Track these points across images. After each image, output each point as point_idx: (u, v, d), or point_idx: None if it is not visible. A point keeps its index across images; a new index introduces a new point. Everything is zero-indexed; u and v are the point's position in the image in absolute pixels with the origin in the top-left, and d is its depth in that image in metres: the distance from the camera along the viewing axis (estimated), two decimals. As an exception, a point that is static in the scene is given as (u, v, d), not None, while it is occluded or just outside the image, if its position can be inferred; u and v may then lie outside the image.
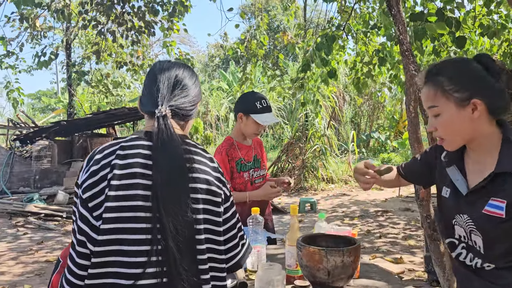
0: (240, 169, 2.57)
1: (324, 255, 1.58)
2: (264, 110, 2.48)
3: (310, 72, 7.59)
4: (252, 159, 2.62)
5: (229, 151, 2.56)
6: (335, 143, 11.99)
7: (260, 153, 2.71)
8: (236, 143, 2.60)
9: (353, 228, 2.66)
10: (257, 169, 2.64)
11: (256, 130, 2.53)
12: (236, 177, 2.56)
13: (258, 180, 2.64)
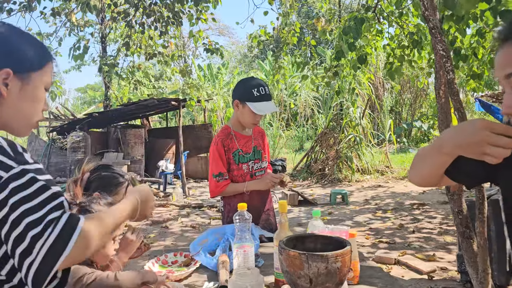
0: (238, 161, 2.38)
1: (305, 260, 1.38)
2: (262, 98, 2.27)
3: (345, 59, 7.25)
4: (251, 150, 2.43)
5: (225, 141, 2.38)
6: (371, 133, 11.52)
7: (261, 144, 2.51)
8: (234, 132, 2.42)
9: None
10: (258, 161, 2.44)
11: (253, 120, 2.33)
12: (234, 169, 2.38)
13: (259, 172, 2.45)
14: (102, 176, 1.81)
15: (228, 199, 2.42)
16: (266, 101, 2.29)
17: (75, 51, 7.54)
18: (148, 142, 11.26)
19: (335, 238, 1.57)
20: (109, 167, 1.88)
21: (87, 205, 1.45)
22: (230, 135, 2.40)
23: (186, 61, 10.08)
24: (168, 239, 5.60)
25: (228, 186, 2.35)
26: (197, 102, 9.68)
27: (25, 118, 1.02)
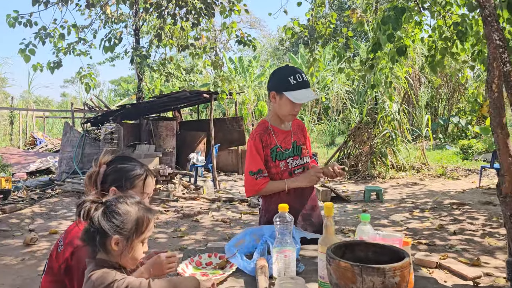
0: (275, 158, 2.23)
1: (358, 272, 1.22)
2: (300, 86, 2.10)
3: (381, 51, 6.96)
4: (290, 146, 2.26)
5: (263, 137, 2.22)
6: (407, 128, 11.11)
7: (301, 139, 2.34)
8: (272, 127, 2.25)
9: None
10: (297, 157, 2.28)
11: (292, 110, 2.16)
12: (272, 167, 2.23)
13: (298, 170, 2.28)
14: (118, 169, 1.70)
15: (266, 197, 2.28)
16: (305, 89, 2.11)
17: (106, 43, 7.55)
18: (180, 134, 11.28)
19: (388, 247, 1.40)
20: (126, 159, 1.77)
21: (113, 204, 1.34)
22: (268, 130, 2.24)
23: (217, 54, 9.97)
24: (198, 233, 5.54)
25: (267, 184, 2.20)
26: (229, 94, 9.58)
27: None
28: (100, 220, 1.29)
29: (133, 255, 1.36)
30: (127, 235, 1.33)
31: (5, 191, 7.29)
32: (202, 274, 1.80)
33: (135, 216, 1.35)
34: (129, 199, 1.38)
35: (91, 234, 1.29)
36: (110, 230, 1.29)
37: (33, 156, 11.09)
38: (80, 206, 1.31)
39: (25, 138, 14.02)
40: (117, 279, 1.26)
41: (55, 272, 1.57)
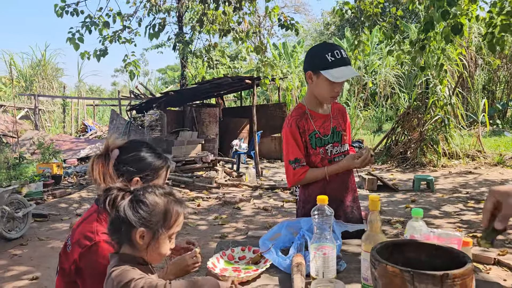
0: (315, 144, 2.04)
1: (409, 279, 1.03)
2: (337, 63, 1.88)
3: (433, 31, 6.50)
4: (330, 132, 2.06)
5: (299, 122, 2.03)
6: (461, 114, 10.43)
7: (341, 124, 2.13)
8: (309, 111, 2.06)
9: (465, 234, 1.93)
10: (337, 144, 2.08)
11: (331, 91, 1.94)
12: (312, 154, 2.05)
13: (338, 157, 2.09)
14: (142, 157, 1.58)
15: (303, 186, 2.11)
16: (344, 66, 1.89)
17: (151, 29, 7.57)
18: (223, 121, 11.26)
19: (446, 249, 1.20)
20: (144, 145, 1.62)
21: (141, 194, 1.23)
22: (305, 114, 2.05)
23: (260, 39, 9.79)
24: (239, 221, 5.46)
25: (307, 173, 2.03)
26: (272, 80, 9.39)
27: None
28: (126, 209, 1.18)
29: (159, 250, 1.25)
30: (154, 228, 1.22)
31: (56, 177, 7.58)
32: (234, 269, 1.67)
33: (163, 208, 1.23)
34: (158, 189, 1.26)
35: (117, 225, 1.19)
36: (136, 222, 1.18)
37: (83, 142, 11.50)
38: (106, 193, 1.21)
39: (77, 126, 14.59)
40: (135, 277, 1.15)
41: (67, 273, 1.48)
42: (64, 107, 14.77)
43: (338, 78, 1.88)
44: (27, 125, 13.12)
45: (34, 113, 13.31)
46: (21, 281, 3.71)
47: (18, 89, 16.49)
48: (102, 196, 1.20)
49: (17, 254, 4.36)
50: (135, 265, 1.21)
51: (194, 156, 8.26)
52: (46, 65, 18.36)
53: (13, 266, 4.05)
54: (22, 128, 12.17)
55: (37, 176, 7.03)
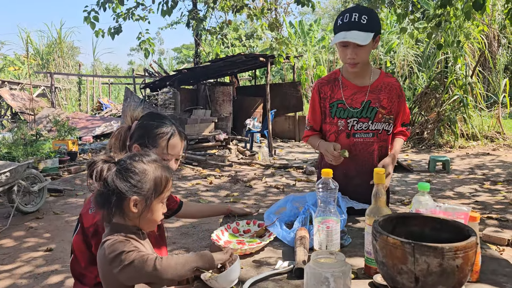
0: (335, 114, 1.95)
1: (410, 251, 1.01)
2: (342, 27, 1.79)
3: (451, 7, 6.27)
4: (360, 106, 1.93)
5: (323, 87, 1.97)
6: (481, 94, 10.16)
7: (383, 101, 1.94)
8: (343, 79, 1.97)
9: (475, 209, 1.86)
10: (366, 120, 1.93)
11: (343, 57, 1.86)
12: (327, 122, 1.97)
13: (361, 135, 1.95)
14: (144, 125, 1.58)
15: (322, 157, 2.06)
16: (346, 31, 1.78)
17: (164, 6, 7.50)
18: (236, 100, 11.21)
19: (451, 223, 1.16)
20: (156, 116, 1.63)
21: (128, 163, 1.21)
22: (336, 81, 1.97)
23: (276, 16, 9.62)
24: (251, 198, 5.48)
25: (309, 138, 2.07)
26: (286, 58, 9.26)
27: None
28: (115, 180, 1.17)
29: (152, 216, 1.25)
30: (146, 196, 1.21)
31: (72, 153, 7.69)
32: (238, 242, 1.67)
33: (153, 175, 1.22)
34: (145, 157, 1.25)
35: (106, 197, 1.18)
36: (127, 191, 1.17)
37: (98, 120, 11.63)
38: (92, 167, 1.19)
39: (92, 104, 14.74)
40: (125, 250, 1.14)
41: (86, 233, 1.51)
42: (80, 85, 14.90)
43: (333, 42, 1.81)
44: (43, 102, 13.31)
45: (50, 91, 13.48)
46: (37, 252, 3.81)
47: (35, 67, 16.67)
48: (88, 170, 1.19)
49: (33, 226, 4.47)
50: (129, 234, 1.21)
51: (207, 134, 8.28)
52: (62, 43, 18.48)
53: (29, 238, 4.16)
54: (39, 105, 12.35)
55: (53, 153, 7.15)
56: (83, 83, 14.83)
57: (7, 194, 4.58)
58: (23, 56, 16.51)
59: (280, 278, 1.35)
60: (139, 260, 1.13)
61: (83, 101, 15.01)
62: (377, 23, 1.83)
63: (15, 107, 11.71)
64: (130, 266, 1.13)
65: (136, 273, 1.14)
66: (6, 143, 6.91)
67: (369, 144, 1.96)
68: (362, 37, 1.78)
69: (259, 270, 1.42)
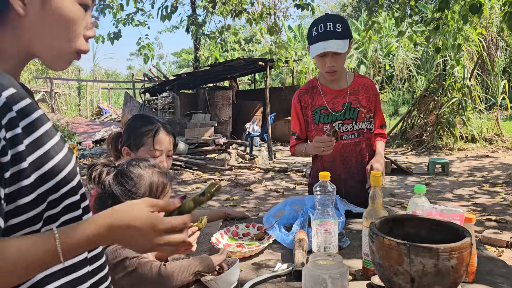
0: (319, 120, 2.00)
1: (405, 252, 1.03)
2: (318, 38, 1.83)
3: (449, 10, 6.32)
4: (341, 108, 1.99)
5: (303, 96, 2.02)
6: (480, 96, 10.20)
7: (363, 101, 2.00)
8: (321, 85, 2.02)
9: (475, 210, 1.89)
10: (349, 121, 1.99)
11: (323, 66, 1.90)
12: (313, 129, 2.01)
13: (348, 136, 2.00)
14: (130, 127, 1.63)
15: (314, 162, 2.10)
16: (324, 41, 1.82)
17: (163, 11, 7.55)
18: (236, 104, 11.24)
19: (446, 224, 1.19)
20: (141, 117, 1.68)
21: (125, 168, 1.23)
22: (314, 88, 2.02)
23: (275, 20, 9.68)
24: (251, 202, 5.49)
25: (295, 148, 2.08)
26: (285, 62, 9.30)
27: (54, 45, 0.76)
28: (112, 184, 1.19)
29: None
30: None
31: (72, 158, 7.71)
32: (237, 245, 1.69)
33: (149, 180, 1.24)
34: (142, 162, 1.27)
35: (104, 200, 1.20)
36: (121, 195, 1.19)
37: (98, 125, 11.65)
38: (91, 169, 1.22)
39: (92, 109, 14.77)
40: (129, 257, 1.16)
41: None
42: (80, 90, 14.95)
43: (312, 54, 1.87)
44: (43, 108, 13.34)
45: (50, 96, 13.51)
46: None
47: (34, 73, 16.72)
48: (87, 172, 1.22)
49: (33, 232, 4.48)
50: None
51: (207, 138, 8.30)
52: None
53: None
54: (39, 111, 12.38)
55: (53, 158, 7.17)
56: (82, 88, 14.87)
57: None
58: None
59: (279, 280, 1.37)
60: (143, 267, 1.15)
61: (82, 106, 15.05)
62: (349, 29, 1.91)
63: (15, 112, 11.74)
64: (134, 273, 1.15)
65: (139, 280, 1.16)
66: (6, 149, 6.93)
67: (357, 144, 2.02)
68: (341, 45, 1.84)
69: (258, 272, 1.44)
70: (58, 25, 0.75)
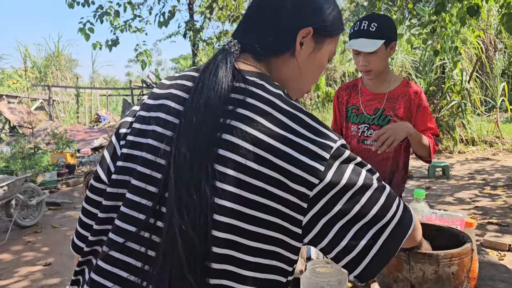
0: (349, 119, 1.99)
1: (405, 259, 1.00)
2: (353, 35, 1.82)
3: (446, 14, 6.32)
4: (373, 112, 1.92)
5: (341, 92, 2.03)
6: (479, 99, 10.18)
7: (400, 110, 1.88)
8: (362, 86, 1.99)
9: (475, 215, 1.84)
10: (377, 128, 1.89)
11: (357, 64, 1.88)
12: (344, 127, 2.03)
13: (369, 142, 1.92)
14: None
15: None
16: (356, 39, 1.80)
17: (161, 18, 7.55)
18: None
19: (447, 229, 1.16)
20: None
21: None
22: (355, 87, 2.02)
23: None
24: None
25: None
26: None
27: (301, 84, 0.92)
28: None
29: None
30: None
31: (70, 166, 7.68)
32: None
33: None
34: None
35: None
36: None
37: (97, 132, 11.62)
38: (88, 176, 1.19)
39: (91, 116, 14.75)
40: None
41: None
42: (78, 97, 14.94)
43: (349, 46, 1.82)
44: (42, 115, 13.33)
45: (48, 104, 13.50)
46: (35, 266, 3.78)
47: (32, 80, 16.73)
48: (84, 179, 1.20)
49: (31, 240, 4.45)
50: None
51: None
52: (60, 56, 18.55)
53: (28, 252, 4.14)
54: (37, 118, 12.36)
55: (51, 166, 7.13)
56: (81, 95, 14.87)
57: (5, 208, 4.56)
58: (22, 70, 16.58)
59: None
60: None
61: (81, 113, 15.03)
62: (389, 30, 1.83)
63: (13, 120, 11.72)
64: None
65: None
66: (4, 157, 6.90)
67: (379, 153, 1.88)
68: (368, 45, 1.78)
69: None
70: (311, 72, 0.91)
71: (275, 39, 0.85)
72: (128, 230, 0.76)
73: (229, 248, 0.70)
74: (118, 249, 0.76)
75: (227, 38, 0.88)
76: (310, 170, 0.71)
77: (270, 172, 0.70)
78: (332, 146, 0.74)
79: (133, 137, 0.82)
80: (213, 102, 0.74)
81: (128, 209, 0.77)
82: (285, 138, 0.72)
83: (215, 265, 0.70)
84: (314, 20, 0.86)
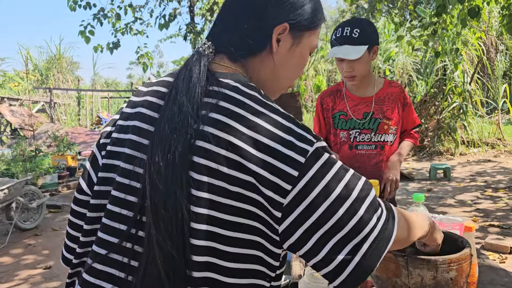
0: (337, 125, 1.96)
1: (403, 264, 0.99)
2: (336, 42, 1.81)
3: (447, 15, 6.32)
4: (362, 116, 1.92)
5: (325, 99, 2.01)
6: (480, 100, 10.16)
7: (387, 112, 1.93)
8: (346, 90, 1.98)
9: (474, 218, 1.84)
10: (368, 132, 1.92)
11: (341, 71, 1.87)
12: (332, 133, 2.00)
13: (363, 146, 1.93)
14: None
15: None
16: (338, 46, 1.79)
17: (161, 20, 7.56)
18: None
19: (446, 234, 1.14)
20: None
21: None
22: (338, 92, 2.00)
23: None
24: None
25: None
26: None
27: (281, 81, 0.89)
28: None
29: None
30: None
31: (71, 168, 7.68)
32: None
33: None
34: None
35: None
36: None
37: (98, 135, 11.60)
38: None
39: (92, 118, 14.76)
40: None
41: None
42: (79, 100, 14.95)
43: (331, 54, 1.83)
44: (43, 118, 13.34)
45: (49, 106, 13.51)
46: (35, 269, 3.78)
47: (34, 83, 16.76)
48: None
49: (31, 243, 4.44)
50: None
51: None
52: (61, 58, 18.59)
53: (28, 255, 4.13)
54: (38, 121, 12.38)
55: (52, 168, 7.13)
56: (82, 97, 14.88)
57: (6, 211, 4.55)
58: (23, 72, 16.62)
59: (274, 294, 1.33)
60: None
61: (82, 115, 15.04)
62: (371, 34, 1.83)
63: (15, 123, 11.73)
64: None
65: None
66: (5, 160, 6.90)
67: (372, 157, 1.94)
68: (352, 52, 1.78)
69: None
70: (291, 68, 0.88)
71: (250, 38, 0.82)
72: (110, 242, 0.75)
73: (209, 255, 0.69)
74: (101, 261, 0.76)
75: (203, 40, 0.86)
76: (282, 175, 0.68)
77: (245, 176, 0.68)
78: (308, 149, 0.70)
79: (111, 147, 0.81)
80: (186, 108, 0.72)
81: (109, 220, 0.76)
82: (257, 142, 0.69)
83: (196, 274, 0.69)
84: (289, 16, 0.83)
